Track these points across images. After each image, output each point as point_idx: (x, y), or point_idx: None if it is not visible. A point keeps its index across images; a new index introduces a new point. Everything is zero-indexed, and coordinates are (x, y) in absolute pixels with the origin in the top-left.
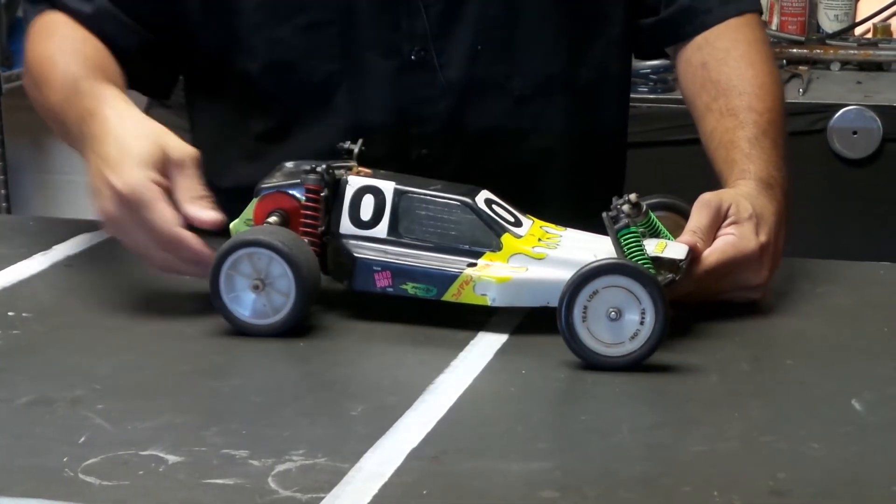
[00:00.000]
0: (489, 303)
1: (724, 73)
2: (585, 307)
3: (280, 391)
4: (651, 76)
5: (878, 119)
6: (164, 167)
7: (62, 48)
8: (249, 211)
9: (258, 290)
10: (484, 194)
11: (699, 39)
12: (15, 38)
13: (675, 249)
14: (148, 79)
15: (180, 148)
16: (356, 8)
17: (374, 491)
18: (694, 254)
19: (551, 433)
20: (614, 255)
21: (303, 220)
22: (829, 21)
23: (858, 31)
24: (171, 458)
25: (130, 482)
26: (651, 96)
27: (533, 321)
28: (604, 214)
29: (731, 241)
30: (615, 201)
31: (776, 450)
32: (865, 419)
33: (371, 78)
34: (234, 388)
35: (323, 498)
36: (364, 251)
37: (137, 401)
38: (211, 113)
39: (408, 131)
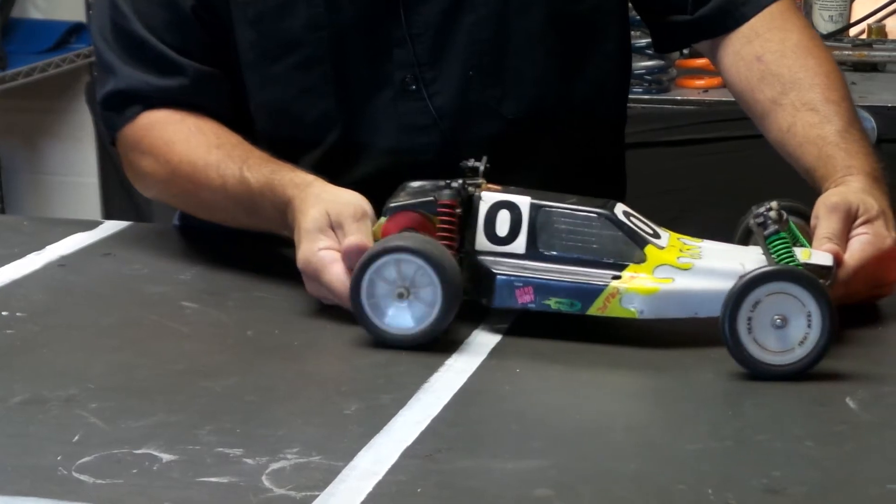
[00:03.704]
0: (637, 315)
1: (784, 65)
2: (750, 315)
3: (274, 390)
4: (646, 77)
5: (872, 120)
6: (338, 227)
7: (195, 153)
8: (377, 230)
9: (403, 297)
10: (621, 207)
11: (746, 31)
12: (9, 39)
13: (821, 257)
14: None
15: (351, 204)
16: (348, 42)
17: (369, 489)
18: (837, 260)
19: (545, 432)
20: (760, 264)
21: (438, 236)
22: (823, 22)
23: (853, 31)
24: (165, 457)
25: (124, 480)
26: (646, 97)
27: (526, 321)
28: (751, 221)
29: (868, 241)
30: (758, 209)
31: (770, 448)
32: (860, 417)
33: (365, 113)
34: (227, 388)
35: (317, 496)
36: (503, 267)
37: (131, 400)
38: None
39: (404, 161)
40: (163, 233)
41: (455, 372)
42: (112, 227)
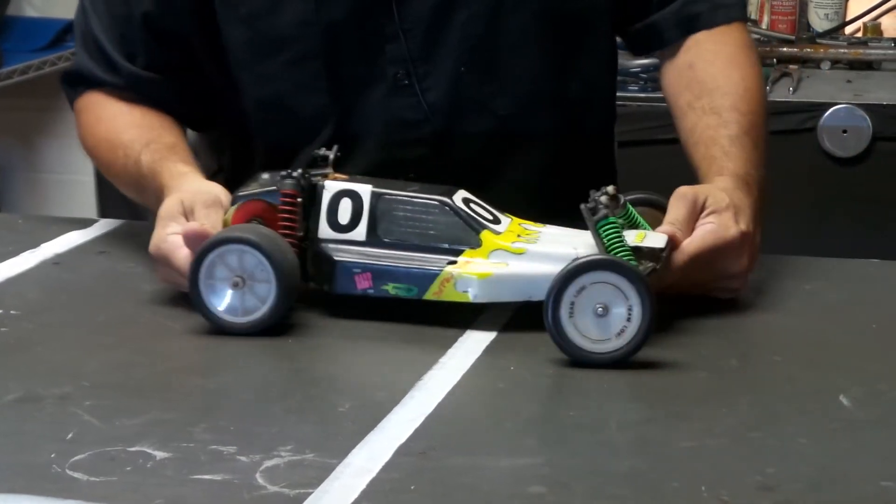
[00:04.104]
0: (471, 299)
1: (710, 73)
2: (573, 303)
3: (268, 388)
4: (641, 75)
5: (867, 118)
6: (189, 214)
7: (113, 131)
8: (227, 219)
9: (238, 287)
10: (461, 193)
11: (688, 41)
12: (5, 37)
13: (654, 239)
14: (193, 115)
15: (204, 192)
16: (340, 38)
17: (362, 486)
18: (673, 243)
19: (539, 429)
20: (594, 249)
21: (281, 225)
22: (819, 20)
23: (849, 30)
24: (159, 455)
25: (118, 478)
26: (641, 95)
27: (520, 319)
28: (582, 206)
29: (710, 230)
30: (593, 193)
31: (764, 445)
32: (854, 415)
33: (359, 107)
34: (222, 385)
35: (311, 493)
36: (343, 254)
37: (125, 397)
38: (230, 150)
39: (395, 156)
40: None
41: (449, 370)
42: (107, 225)
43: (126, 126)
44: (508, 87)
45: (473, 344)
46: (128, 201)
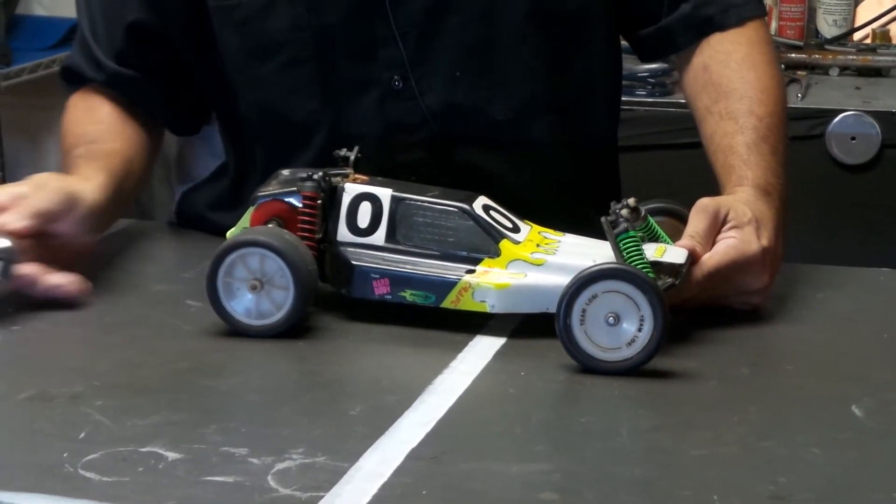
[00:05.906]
0: (488, 309)
1: (725, 75)
2: (584, 311)
3: (279, 390)
4: (649, 80)
5: (876, 125)
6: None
7: (75, 122)
8: (246, 219)
9: (256, 290)
10: (482, 200)
11: (701, 43)
12: (14, 35)
13: (674, 254)
14: (178, 118)
15: (19, 183)
16: (333, 42)
17: (374, 491)
18: (693, 258)
19: (550, 435)
20: (614, 260)
21: (300, 227)
22: (827, 26)
23: (857, 36)
24: (171, 455)
25: (130, 478)
26: (649, 100)
27: (531, 324)
28: (602, 219)
29: (732, 244)
30: (613, 206)
31: (775, 455)
32: (865, 425)
33: (352, 112)
34: (233, 387)
35: (322, 497)
36: (362, 258)
37: (137, 398)
38: (229, 150)
39: (393, 160)
40: (166, 231)
41: (459, 374)
42: (116, 224)
43: (86, 121)
44: (504, 90)
45: (484, 349)
46: (135, 201)
